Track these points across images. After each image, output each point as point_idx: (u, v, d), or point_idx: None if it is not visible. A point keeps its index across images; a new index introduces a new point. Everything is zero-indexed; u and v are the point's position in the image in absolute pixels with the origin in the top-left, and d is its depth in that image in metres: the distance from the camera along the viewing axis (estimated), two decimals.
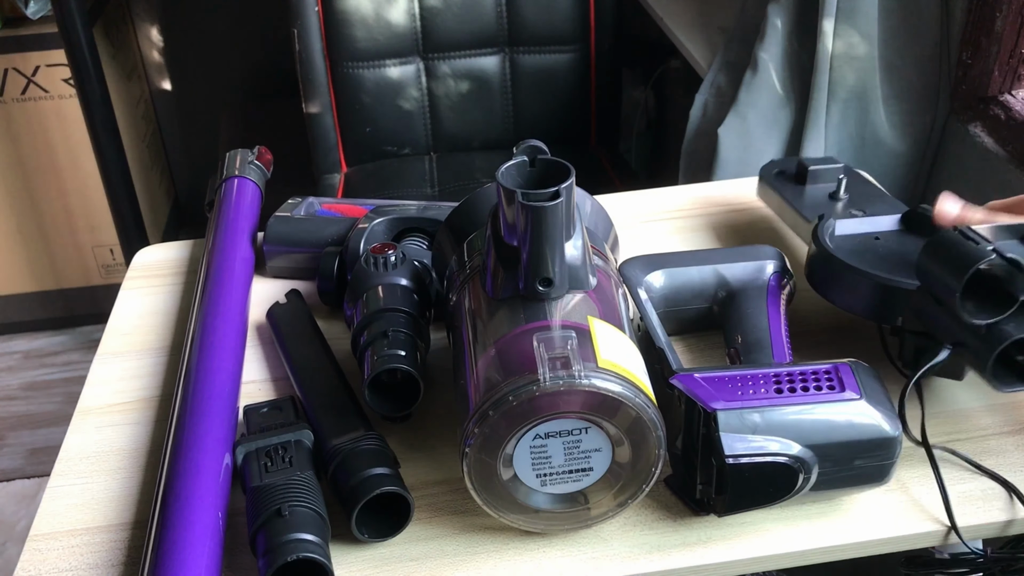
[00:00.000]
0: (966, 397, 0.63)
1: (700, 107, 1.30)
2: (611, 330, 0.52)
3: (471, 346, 0.54)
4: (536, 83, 1.62)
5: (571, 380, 0.48)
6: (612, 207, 0.67)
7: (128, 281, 0.80)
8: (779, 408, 0.51)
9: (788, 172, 0.80)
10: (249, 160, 0.84)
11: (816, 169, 0.77)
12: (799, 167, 0.79)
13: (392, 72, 1.57)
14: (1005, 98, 1.06)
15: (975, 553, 0.55)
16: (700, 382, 0.53)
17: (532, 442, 0.50)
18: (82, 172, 1.92)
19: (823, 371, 0.53)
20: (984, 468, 0.57)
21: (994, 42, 1.03)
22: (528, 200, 0.50)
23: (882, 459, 0.52)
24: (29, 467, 1.78)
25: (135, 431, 0.64)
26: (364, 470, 0.54)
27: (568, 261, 0.53)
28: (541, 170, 0.54)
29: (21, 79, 1.84)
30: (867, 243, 0.66)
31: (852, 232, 0.67)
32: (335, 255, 0.73)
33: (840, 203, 0.74)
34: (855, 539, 0.54)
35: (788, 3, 1.13)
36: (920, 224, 0.67)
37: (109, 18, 1.94)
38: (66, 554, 0.55)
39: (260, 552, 0.50)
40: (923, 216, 0.67)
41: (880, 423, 0.52)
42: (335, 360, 0.66)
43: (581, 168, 0.54)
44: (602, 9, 1.58)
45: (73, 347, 2.08)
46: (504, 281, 0.54)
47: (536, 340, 0.50)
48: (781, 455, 0.51)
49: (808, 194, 0.76)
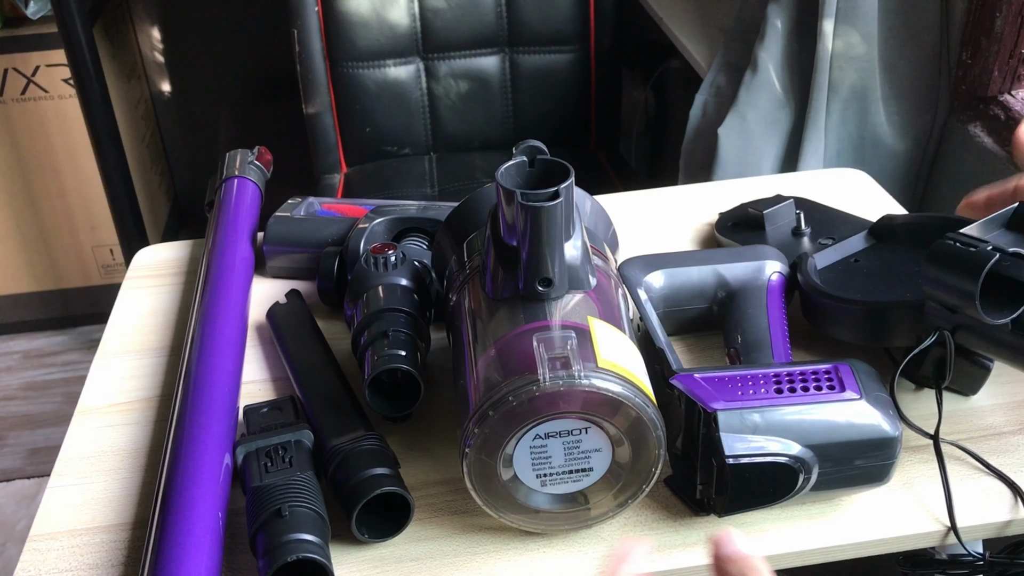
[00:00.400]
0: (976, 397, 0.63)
1: (700, 107, 1.30)
2: (611, 330, 0.52)
3: (471, 346, 0.54)
4: (536, 83, 1.62)
5: (571, 380, 0.48)
6: (612, 207, 0.67)
7: (128, 281, 0.80)
8: (779, 408, 0.52)
9: (742, 222, 0.77)
10: (249, 160, 0.84)
11: (770, 212, 0.75)
12: (750, 216, 0.76)
13: (392, 72, 1.57)
14: (1005, 98, 1.06)
15: (974, 556, 0.55)
16: (700, 382, 0.53)
17: (532, 442, 0.50)
18: (82, 172, 1.92)
19: (823, 371, 0.54)
20: (990, 466, 0.57)
21: (994, 42, 1.03)
22: (528, 200, 0.50)
23: (882, 459, 0.52)
24: (29, 467, 1.78)
25: (135, 431, 0.64)
26: (364, 470, 0.54)
27: (568, 261, 0.53)
28: (541, 170, 0.54)
29: (21, 79, 1.84)
30: (850, 269, 0.67)
31: (832, 262, 0.68)
32: (335, 255, 0.73)
33: (805, 237, 0.73)
34: (855, 539, 0.54)
35: (788, 3, 1.13)
36: (886, 233, 0.68)
37: (109, 18, 1.94)
38: (66, 554, 0.55)
39: (260, 552, 0.50)
40: (885, 226, 0.68)
41: (880, 423, 0.52)
42: (335, 360, 0.66)
43: (581, 168, 0.54)
44: (602, 9, 1.58)
45: (73, 347, 2.08)
46: (504, 281, 0.54)
47: (536, 340, 0.50)
48: (781, 455, 0.51)
49: (772, 238, 0.74)
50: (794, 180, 0.91)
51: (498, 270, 0.54)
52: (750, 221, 0.77)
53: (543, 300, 0.53)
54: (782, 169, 1.19)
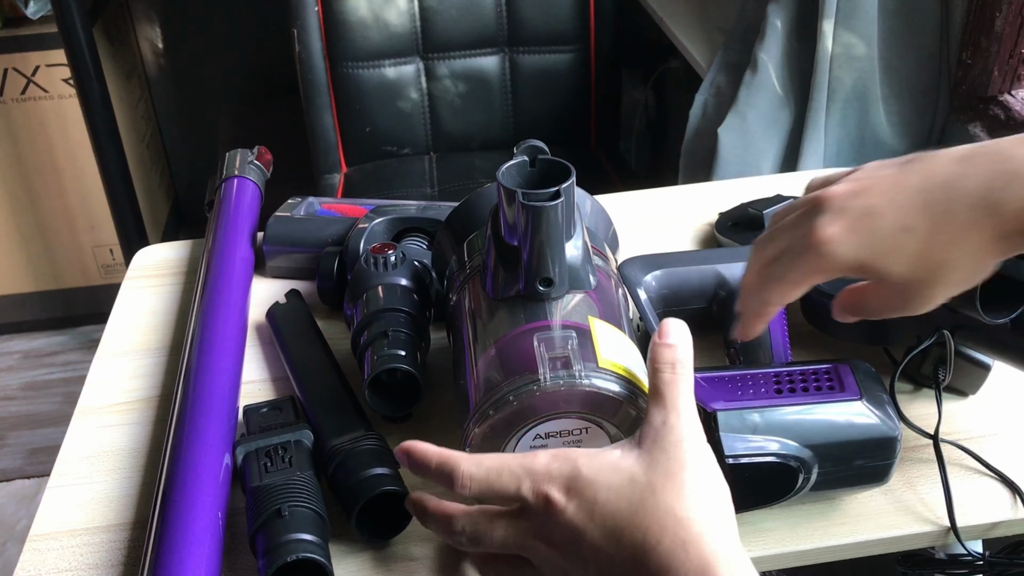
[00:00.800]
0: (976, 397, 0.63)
1: (700, 107, 1.30)
2: (612, 330, 0.52)
3: (471, 346, 0.54)
4: (536, 83, 1.62)
5: (571, 380, 0.48)
6: (612, 207, 0.67)
7: (128, 281, 0.80)
8: (779, 409, 0.52)
9: (742, 222, 0.78)
10: (249, 160, 0.84)
11: (770, 212, 0.75)
12: (750, 216, 0.77)
13: (392, 72, 1.57)
14: (1005, 98, 1.06)
15: (973, 555, 0.55)
16: (700, 382, 0.53)
17: (532, 442, 0.50)
18: (82, 172, 1.92)
19: (823, 371, 0.54)
20: (990, 466, 0.57)
21: (994, 42, 1.03)
22: (528, 200, 0.50)
23: (882, 459, 0.52)
24: (29, 467, 1.78)
25: (135, 431, 0.64)
26: (364, 470, 0.54)
27: (568, 261, 0.53)
28: (541, 170, 0.54)
29: (21, 79, 1.84)
30: None
31: None
32: (335, 255, 0.73)
33: None
34: (854, 539, 0.54)
35: (788, 3, 1.13)
36: None
37: (109, 18, 1.94)
38: (66, 554, 0.55)
39: (260, 552, 0.50)
40: None
41: (879, 423, 0.52)
42: (335, 360, 0.66)
43: (581, 168, 0.54)
44: (602, 9, 1.58)
45: (73, 347, 2.08)
46: (504, 281, 0.54)
47: (536, 340, 0.50)
48: (781, 455, 0.51)
49: None
50: (794, 180, 0.91)
51: (499, 270, 0.54)
52: (750, 221, 0.77)
53: (544, 300, 0.53)
54: (782, 169, 1.19)
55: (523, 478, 0.44)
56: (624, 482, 0.43)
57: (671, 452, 0.44)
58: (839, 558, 0.55)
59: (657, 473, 0.43)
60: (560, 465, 0.44)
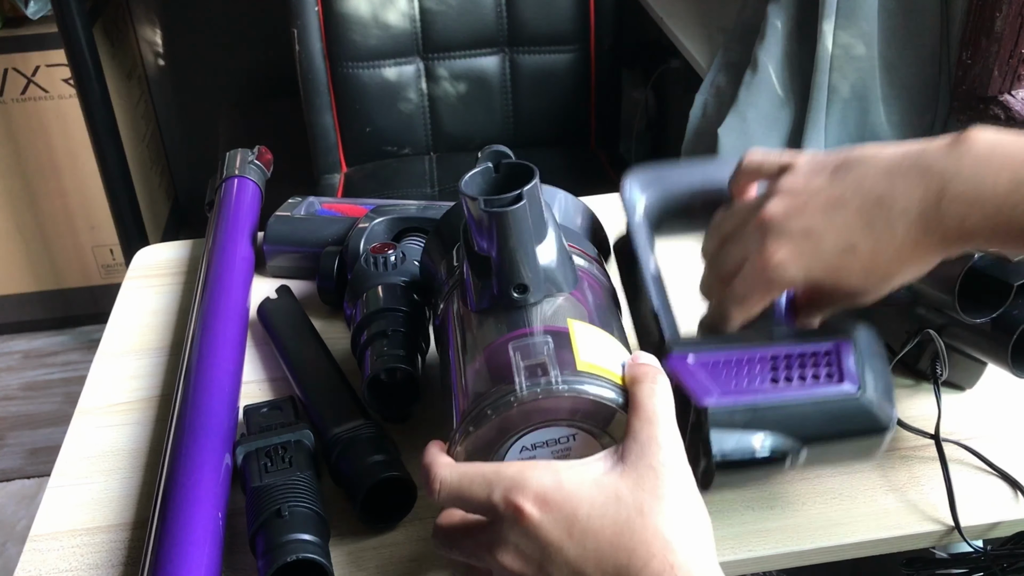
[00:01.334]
0: (975, 394, 0.63)
1: (700, 107, 1.30)
2: (593, 331, 0.50)
3: (458, 356, 0.52)
4: (536, 83, 1.62)
5: (548, 387, 0.46)
6: (612, 207, 0.67)
7: (128, 281, 0.80)
8: (772, 405, 0.50)
9: None
10: (249, 160, 0.84)
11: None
12: None
13: (392, 72, 1.57)
14: (1005, 98, 1.06)
15: (976, 551, 0.55)
16: (692, 366, 0.51)
17: (520, 454, 0.48)
18: (82, 172, 1.92)
19: (822, 353, 0.51)
20: (991, 463, 0.57)
21: (994, 42, 1.03)
22: (491, 207, 0.48)
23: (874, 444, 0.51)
24: (29, 467, 1.78)
25: (135, 431, 0.64)
26: (368, 456, 0.54)
27: (543, 264, 0.51)
28: (506, 175, 0.52)
29: (21, 79, 1.84)
30: None
31: None
32: (335, 255, 0.73)
33: None
34: (855, 539, 0.54)
35: (788, 3, 1.13)
36: None
37: (109, 18, 1.94)
38: (66, 554, 0.55)
39: (260, 552, 0.50)
40: None
41: (876, 416, 0.50)
42: (328, 350, 0.66)
43: (581, 168, 0.53)
44: (602, 9, 1.58)
45: (73, 347, 2.08)
46: (481, 292, 0.52)
47: (512, 348, 0.48)
48: (770, 450, 0.50)
49: None
50: None
51: (475, 282, 0.52)
52: None
53: (522, 307, 0.50)
54: None
55: (494, 486, 0.43)
56: (609, 500, 0.42)
57: (658, 470, 0.43)
58: (841, 558, 0.55)
59: (644, 492, 0.42)
60: (536, 475, 0.43)
